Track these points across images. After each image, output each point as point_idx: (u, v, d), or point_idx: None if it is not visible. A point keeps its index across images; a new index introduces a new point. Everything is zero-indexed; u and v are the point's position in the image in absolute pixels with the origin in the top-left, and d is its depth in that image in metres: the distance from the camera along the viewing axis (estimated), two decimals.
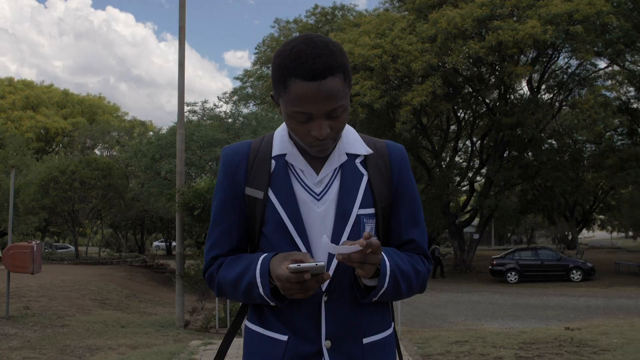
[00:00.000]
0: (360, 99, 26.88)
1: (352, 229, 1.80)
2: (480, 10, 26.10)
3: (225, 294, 1.88)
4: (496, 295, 22.34)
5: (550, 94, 34.25)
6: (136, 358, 8.10)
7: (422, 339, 8.91)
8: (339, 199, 1.81)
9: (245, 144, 1.94)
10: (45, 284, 19.79)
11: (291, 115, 1.69)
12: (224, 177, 1.90)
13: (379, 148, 1.93)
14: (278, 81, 1.68)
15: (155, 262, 36.04)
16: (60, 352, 9.87)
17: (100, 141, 49.33)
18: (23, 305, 15.76)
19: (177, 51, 14.92)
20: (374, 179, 1.86)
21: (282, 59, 1.66)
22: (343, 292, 1.80)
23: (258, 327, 1.87)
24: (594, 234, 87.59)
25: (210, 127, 28.70)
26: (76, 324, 13.76)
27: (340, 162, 1.84)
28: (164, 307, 19.18)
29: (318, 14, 44.38)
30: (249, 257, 1.82)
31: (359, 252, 1.60)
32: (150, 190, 29.86)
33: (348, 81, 1.70)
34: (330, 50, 1.65)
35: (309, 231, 1.80)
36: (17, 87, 54.45)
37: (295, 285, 1.60)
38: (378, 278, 1.73)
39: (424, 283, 1.92)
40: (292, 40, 1.70)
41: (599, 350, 7.35)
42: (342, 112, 1.71)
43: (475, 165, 39.21)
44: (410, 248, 1.92)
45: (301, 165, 1.84)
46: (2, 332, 11.87)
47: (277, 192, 1.82)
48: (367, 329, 1.84)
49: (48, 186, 29.74)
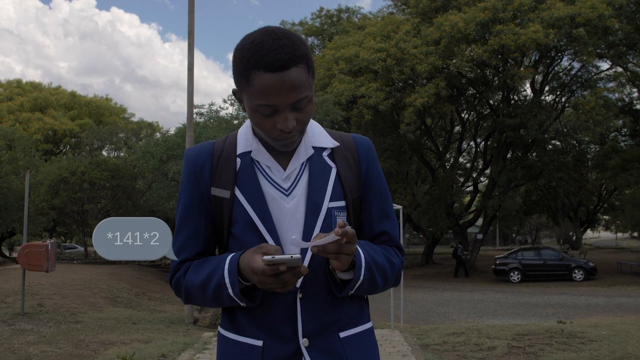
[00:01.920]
0: (366, 101, 27.20)
1: (324, 222, 1.77)
2: (483, 14, 26.36)
3: (193, 299, 1.83)
4: (498, 294, 22.58)
5: (554, 95, 34.53)
6: (152, 349, 8.50)
7: (421, 332, 9.34)
8: (309, 193, 1.78)
9: (209, 144, 1.90)
10: (57, 283, 20.16)
11: (256, 109, 1.66)
12: (188, 179, 1.86)
13: (345, 141, 1.91)
14: (240, 75, 1.65)
15: (162, 261, 36.40)
16: (76, 347, 10.16)
17: (107, 142, 49.70)
18: (37, 302, 16.08)
19: (182, 52, 15.70)
20: (343, 171, 1.84)
21: (243, 52, 1.64)
22: (318, 288, 1.77)
23: (231, 333, 1.83)
24: (599, 234, 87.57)
25: (217, 129, 28.98)
26: (89, 320, 14.04)
27: (307, 156, 1.82)
28: (173, 304, 19.52)
29: (323, 16, 44.72)
30: (216, 259, 1.78)
31: (335, 242, 1.56)
32: (158, 193, 30.18)
33: (312, 72, 1.68)
34: (292, 41, 1.63)
35: (279, 228, 1.77)
36: (26, 88, 54.76)
37: (272, 279, 1.57)
38: (353, 271, 1.71)
39: (398, 275, 1.89)
40: (252, 33, 1.68)
41: (586, 341, 7.77)
42: (307, 104, 1.68)
43: (479, 166, 39.49)
44: (383, 240, 1.90)
45: (267, 161, 1.81)
46: (19, 327, 12.21)
47: (244, 190, 1.78)
48: (344, 323, 1.81)
49: (58, 187, 30.18)
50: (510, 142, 31.91)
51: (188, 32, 15.22)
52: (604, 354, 7.01)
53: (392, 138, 31.91)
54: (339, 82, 28.21)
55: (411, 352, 7.54)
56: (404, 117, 27.59)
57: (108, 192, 31.73)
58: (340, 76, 28.65)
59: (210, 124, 30.91)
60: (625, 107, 35.24)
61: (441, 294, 21.99)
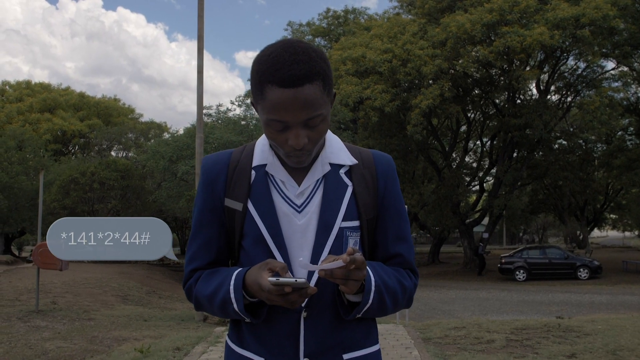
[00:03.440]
0: (372, 103, 27.39)
1: (335, 242, 1.74)
2: (490, 15, 26.41)
3: (202, 308, 1.84)
4: (503, 292, 22.70)
5: (559, 95, 34.64)
6: (167, 342, 8.80)
7: (424, 326, 9.66)
8: (321, 211, 1.74)
9: (226, 154, 1.89)
10: (68, 281, 20.49)
11: (268, 123, 1.64)
12: (204, 188, 1.85)
13: (364, 158, 1.87)
14: (255, 87, 1.63)
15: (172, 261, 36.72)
16: (90, 342, 10.40)
17: (116, 143, 50.06)
18: (50, 300, 16.40)
19: (188, 51, 16.16)
20: (359, 190, 1.80)
21: (259, 65, 1.62)
22: (323, 308, 1.74)
23: (236, 346, 1.83)
24: (607, 233, 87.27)
25: (225, 130, 29.20)
26: (101, 317, 14.28)
27: (323, 173, 1.79)
28: (183, 303, 19.78)
29: (330, 17, 44.95)
30: (224, 272, 1.77)
31: (342, 268, 1.54)
32: (168, 192, 30.49)
33: (328, 89, 1.64)
34: (310, 57, 1.59)
35: (289, 245, 1.74)
36: (35, 89, 55.12)
37: (278, 298, 1.56)
38: (362, 294, 1.68)
39: (410, 298, 1.86)
40: (272, 45, 1.65)
41: (582, 335, 8.07)
42: (321, 122, 1.65)
43: (485, 166, 39.60)
44: (397, 262, 1.86)
45: (282, 176, 1.78)
46: (34, 324, 12.51)
47: (256, 203, 1.76)
48: (349, 345, 1.78)
49: (69, 187, 30.52)
50: (516, 141, 32.01)
51: (198, 36, 15.55)
52: (598, 347, 7.31)
53: (399, 138, 32.04)
54: (346, 83, 28.40)
55: (414, 345, 7.85)
56: (410, 119, 27.76)
57: (118, 192, 32.10)
58: (347, 77, 28.84)
59: (219, 125, 31.14)
60: (630, 106, 35.33)
61: (447, 292, 22.17)
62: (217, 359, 7.38)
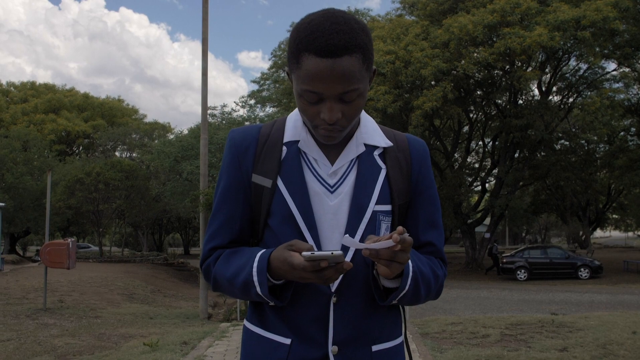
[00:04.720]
0: (374, 104, 27.56)
1: (367, 225, 1.66)
2: (492, 16, 26.58)
3: (221, 289, 1.75)
4: (504, 291, 22.81)
5: (561, 96, 34.79)
6: (174, 337, 9.07)
7: (422, 322, 9.92)
8: (354, 193, 1.67)
9: (255, 128, 1.79)
10: (75, 280, 20.78)
11: (301, 94, 1.56)
12: (230, 162, 1.76)
13: (399, 141, 1.81)
14: (292, 55, 1.56)
15: (176, 260, 37.10)
16: (97, 339, 10.67)
17: (120, 143, 50.32)
18: (57, 299, 16.69)
19: (191, 51, 16.87)
20: (393, 174, 1.73)
21: (298, 32, 1.55)
22: (354, 294, 1.66)
23: (258, 328, 1.74)
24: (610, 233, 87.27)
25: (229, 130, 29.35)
26: (108, 315, 14.59)
27: (357, 153, 1.71)
28: (187, 301, 20.07)
29: None
30: (247, 253, 1.67)
31: (389, 248, 1.45)
32: (173, 191, 30.74)
33: (368, 64, 1.55)
34: (351, 27, 1.51)
35: (320, 226, 1.66)
36: (39, 90, 55.36)
37: (313, 275, 1.47)
38: (400, 279, 1.59)
39: (440, 288, 1.78)
40: (313, 13, 1.59)
41: (574, 330, 8.33)
42: (357, 97, 1.56)
43: (487, 166, 39.73)
44: (428, 251, 1.79)
45: (315, 154, 1.70)
46: (42, 322, 12.79)
47: (286, 181, 1.67)
48: (378, 335, 1.71)
49: (74, 187, 30.79)
50: (518, 142, 32.15)
51: (202, 38, 15.81)
52: (589, 341, 7.56)
53: None
54: None
55: (412, 340, 8.11)
56: (412, 120, 27.93)
57: (122, 193, 32.37)
58: None
59: (223, 125, 31.36)
60: (632, 107, 35.45)
61: (448, 291, 22.28)
62: (223, 352, 7.64)
